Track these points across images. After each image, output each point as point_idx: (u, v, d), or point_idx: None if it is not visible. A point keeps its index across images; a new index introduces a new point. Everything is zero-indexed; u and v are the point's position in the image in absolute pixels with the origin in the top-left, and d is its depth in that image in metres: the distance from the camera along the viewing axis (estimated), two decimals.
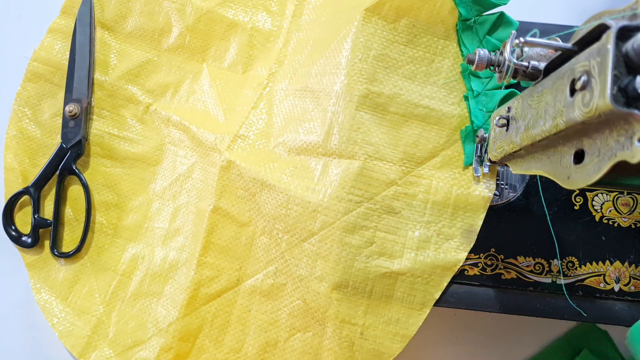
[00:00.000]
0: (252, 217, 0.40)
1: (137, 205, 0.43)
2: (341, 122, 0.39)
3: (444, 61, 0.40)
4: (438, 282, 0.37)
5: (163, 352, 0.40)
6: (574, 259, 0.37)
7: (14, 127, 0.43)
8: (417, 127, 0.40)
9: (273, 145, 0.41)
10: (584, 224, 0.38)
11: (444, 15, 0.39)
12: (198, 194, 0.42)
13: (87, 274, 0.42)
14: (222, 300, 0.41)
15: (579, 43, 0.23)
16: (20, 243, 0.42)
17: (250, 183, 0.40)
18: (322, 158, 0.39)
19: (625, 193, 0.38)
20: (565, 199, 0.38)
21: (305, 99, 0.40)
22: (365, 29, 0.39)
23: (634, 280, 0.37)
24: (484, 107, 0.39)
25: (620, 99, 0.19)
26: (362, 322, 0.38)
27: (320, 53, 0.41)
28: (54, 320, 0.41)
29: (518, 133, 0.28)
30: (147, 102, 0.44)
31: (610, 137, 0.20)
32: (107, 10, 0.44)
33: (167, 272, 0.42)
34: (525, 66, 0.26)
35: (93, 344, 0.41)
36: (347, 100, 0.39)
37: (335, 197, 0.38)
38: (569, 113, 0.21)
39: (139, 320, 0.41)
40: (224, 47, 0.44)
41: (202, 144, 0.42)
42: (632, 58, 0.19)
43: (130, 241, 0.43)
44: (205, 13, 0.44)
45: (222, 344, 0.40)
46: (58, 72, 0.44)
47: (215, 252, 0.41)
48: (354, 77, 0.39)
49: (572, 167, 0.24)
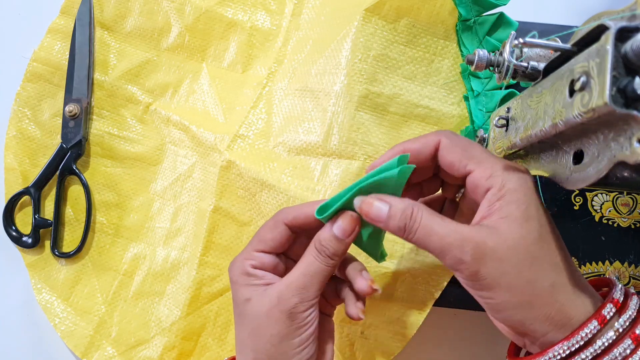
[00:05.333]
0: (253, 217, 0.40)
1: (138, 205, 0.43)
2: (341, 122, 0.39)
3: (443, 61, 0.40)
4: (438, 282, 0.37)
5: (166, 351, 0.40)
6: (574, 259, 0.38)
7: (14, 128, 0.43)
8: (417, 127, 0.40)
9: (273, 145, 0.41)
10: (584, 224, 0.38)
11: (444, 16, 0.39)
12: (199, 193, 0.42)
13: (89, 274, 0.42)
14: (224, 299, 0.41)
15: (578, 44, 0.23)
16: (20, 243, 0.42)
17: (250, 183, 0.40)
18: (321, 158, 0.39)
19: (625, 193, 0.38)
20: (564, 199, 0.38)
21: (304, 98, 0.40)
22: (365, 29, 0.39)
23: (633, 281, 0.37)
24: (484, 108, 0.39)
25: (619, 100, 0.19)
26: (362, 321, 0.38)
27: (320, 53, 0.41)
28: (55, 320, 0.41)
29: (517, 133, 0.28)
30: (147, 102, 0.44)
31: (609, 137, 0.21)
32: (107, 10, 0.44)
33: (168, 272, 0.42)
34: (525, 67, 0.26)
35: (96, 344, 0.41)
36: (347, 101, 0.39)
37: None
38: (568, 114, 0.21)
39: (141, 320, 0.41)
40: (223, 47, 0.44)
41: (202, 143, 0.42)
42: (631, 59, 0.19)
43: (131, 241, 0.43)
44: (204, 12, 0.44)
45: (225, 342, 0.41)
46: (58, 72, 0.44)
47: (216, 252, 0.41)
48: (353, 77, 0.39)
49: (571, 168, 0.24)
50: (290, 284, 0.28)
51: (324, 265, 0.28)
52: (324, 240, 0.29)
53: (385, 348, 0.38)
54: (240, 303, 0.30)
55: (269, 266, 0.30)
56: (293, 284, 0.28)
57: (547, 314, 0.24)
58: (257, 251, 0.30)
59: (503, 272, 0.24)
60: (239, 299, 0.30)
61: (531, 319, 0.24)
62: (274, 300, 0.28)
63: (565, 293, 0.25)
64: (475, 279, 0.25)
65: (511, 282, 0.24)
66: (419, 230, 0.26)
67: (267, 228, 0.31)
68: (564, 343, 0.24)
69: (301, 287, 0.28)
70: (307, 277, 0.28)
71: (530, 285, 0.24)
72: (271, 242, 0.30)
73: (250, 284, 0.29)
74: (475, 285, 0.25)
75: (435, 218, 0.26)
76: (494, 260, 0.24)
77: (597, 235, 0.38)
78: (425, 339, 0.41)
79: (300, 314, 0.28)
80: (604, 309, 0.24)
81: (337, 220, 0.28)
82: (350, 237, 0.29)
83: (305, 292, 0.28)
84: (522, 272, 0.24)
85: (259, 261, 0.30)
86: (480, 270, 0.24)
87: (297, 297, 0.28)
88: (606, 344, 0.23)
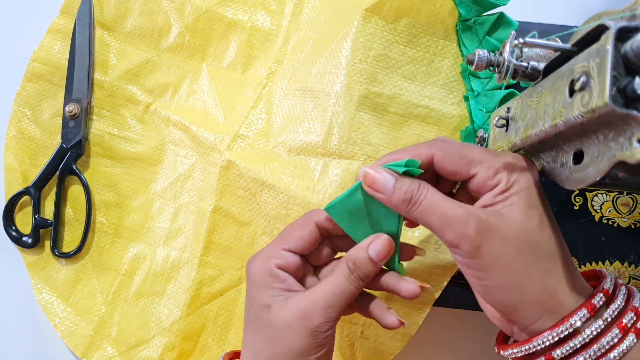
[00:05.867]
0: (253, 217, 0.40)
1: (138, 205, 0.43)
2: (341, 123, 0.39)
3: (443, 61, 0.40)
4: (438, 282, 0.37)
5: (166, 351, 0.40)
6: (574, 259, 0.38)
7: (14, 128, 0.43)
8: (417, 128, 0.40)
9: (273, 145, 0.41)
10: (584, 224, 0.38)
11: (444, 16, 0.39)
12: (199, 193, 0.42)
13: (89, 274, 0.42)
14: (224, 299, 0.41)
15: (578, 44, 0.23)
16: (20, 243, 0.42)
17: (250, 183, 0.40)
18: (322, 158, 0.39)
19: (624, 193, 0.38)
20: (564, 199, 0.38)
21: (304, 98, 0.40)
22: (365, 29, 0.39)
23: (633, 281, 0.37)
24: (484, 108, 0.39)
25: (619, 100, 0.19)
26: (362, 321, 0.38)
27: (320, 53, 0.41)
28: (55, 320, 0.41)
29: (517, 133, 0.28)
30: (147, 102, 0.44)
31: (609, 137, 0.21)
32: (107, 10, 0.44)
33: (169, 272, 0.42)
34: (525, 67, 0.26)
35: (96, 344, 0.41)
36: (347, 101, 0.39)
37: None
38: (568, 114, 0.21)
39: (141, 320, 0.41)
40: (223, 47, 0.44)
41: (202, 143, 0.42)
42: (631, 59, 0.19)
43: (131, 241, 0.43)
44: (205, 12, 0.44)
45: (225, 342, 0.41)
46: (58, 72, 0.44)
47: (216, 252, 0.41)
48: (353, 77, 0.39)
49: (571, 168, 0.24)
50: (316, 301, 0.27)
51: (354, 286, 0.28)
52: (359, 261, 0.28)
53: (385, 348, 0.38)
54: (258, 307, 0.28)
55: (293, 267, 0.29)
56: (320, 301, 0.27)
57: (539, 299, 0.24)
58: (284, 249, 0.29)
59: (503, 252, 0.24)
60: (257, 302, 0.28)
61: (523, 302, 0.25)
62: (297, 315, 0.27)
63: (558, 280, 0.25)
64: (476, 256, 0.25)
65: (509, 264, 0.24)
66: (423, 202, 0.26)
67: (296, 226, 0.30)
68: (552, 330, 0.24)
69: (328, 306, 0.27)
70: (336, 296, 0.28)
71: (526, 269, 0.24)
72: (300, 240, 0.29)
73: (271, 286, 0.28)
74: (473, 263, 0.25)
75: (440, 194, 0.26)
76: (497, 237, 0.24)
77: (597, 235, 0.38)
78: (425, 339, 0.41)
79: (323, 333, 0.27)
80: (593, 299, 0.24)
81: (373, 242, 0.28)
82: (384, 260, 0.28)
83: (331, 312, 0.27)
84: (520, 255, 0.24)
85: (284, 260, 0.29)
86: (482, 246, 0.24)
87: (323, 317, 0.27)
88: (594, 333, 0.24)
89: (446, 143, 0.27)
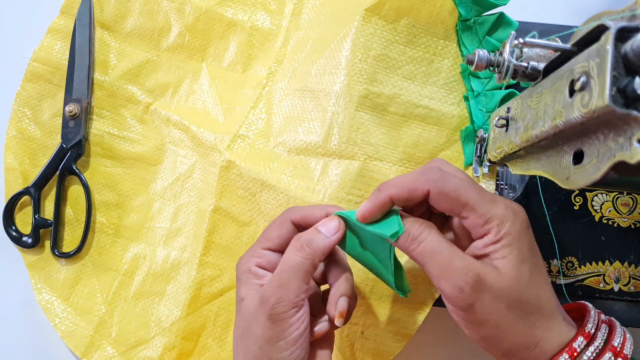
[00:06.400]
0: (253, 217, 0.40)
1: (138, 205, 0.43)
2: (341, 123, 0.39)
3: (443, 61, 0.40)
4: None
5: (166, 351, 0.40)
6: (574, 259, 0.38)
7: (14, 128, 0.43)
8: (417, 128, 0.40)
9: (273, 145, 0.41)
10: (584, 224, 0.38)
11: (444, 16, 0.39)
12: (199, 193, 0.42)
13: (88, 274, 0.42)
14: (224, 299, 0.41)
15: (578, 44, 0.23)
16: (20, 243, 0.42)
17: (250, 183, 0.40)
18: (322, 158, 0.39)
19: (624, 193, 0.38)
20: (564, 199, 0.38)
21: (304, 98, 0.40)
22: (365, 29, 0.39)
23: (633, 281, 0.37)
24: (484, 108, 0.39)
25: (619, 100, 0.19)
26: (362, 321, 0.38)
27: (320, 53, 0.41)
28: (55, 320, 0.41)
29: (517, 133, 0.28)
30: (147, 102, 0.44)
31: (609, 137, 0.21)
32: (107, 10, 0.44)
33: (168, 272, 0.42)
34: (525, 67, 0.26)
35: (96, 344, 0.41)
36: (346, 101, 0.39)
37: (335, 198, 0.38)
38: (568, 114, 0.21)
39: (141, 320, 0.41)
40: (223, 47, 0.44)
41: (202, 143, 0.42)
42: (631, 59, 0.19)
43: (131, 241, 0.43)
44: (205, 12, 0.44)
45: (225, 342, 0.41)
46: (58, 72, 0.44)
47: (216, 252, 0.41)
48: (353, 78, 0.39)
49: (571, 168, 0.24)
50: (270, 282, 0.28)
51: (301, 257, 0.28)
52: (305, 233, 0.29)
53: (385, 348, 0.38)
54: (238, 302, 0.30)
55: (273, 265, 0.30)
56: (272, 281, 0.28)
57: (524, 347, 0.26)
58: (264, 248, 0.30)
59: (494, 310, 0.26)
60: (237, 298, 0.30)
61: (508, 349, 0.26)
62: (258, 301, 0.28)
63: (543, 331, 0.26)
64: (468, 312, 0.26)
65: (499, 321, 0.26)
66: (426, 243, 0.27)
67: (274, 226, 0.31)
68: None
69: (278, 285, 0.28)
70: (285, 273, 0.28)
71: (514, 324, 0.26)
72: (277, 239, 0.30)
73: (248, 282, 0.29)
74: (464, 316, 0.26)
75: (443, 239, 0.27)
76: (491, 295, 0.25)
77: (597, 235, 0.38)
78: (425, 339, 0.41)
79: (281, 315, 0.27)
80: (574, 342, 0.26)
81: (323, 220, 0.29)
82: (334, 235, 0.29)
83: (284, 291, 0.27)
84: (510, 312, 0.26)
85: (265, 259, 0.30)
86: (475, 304, 0.25)
87: (275, 297, 0.27)
88: None
89: (443, 177, 0.27)
